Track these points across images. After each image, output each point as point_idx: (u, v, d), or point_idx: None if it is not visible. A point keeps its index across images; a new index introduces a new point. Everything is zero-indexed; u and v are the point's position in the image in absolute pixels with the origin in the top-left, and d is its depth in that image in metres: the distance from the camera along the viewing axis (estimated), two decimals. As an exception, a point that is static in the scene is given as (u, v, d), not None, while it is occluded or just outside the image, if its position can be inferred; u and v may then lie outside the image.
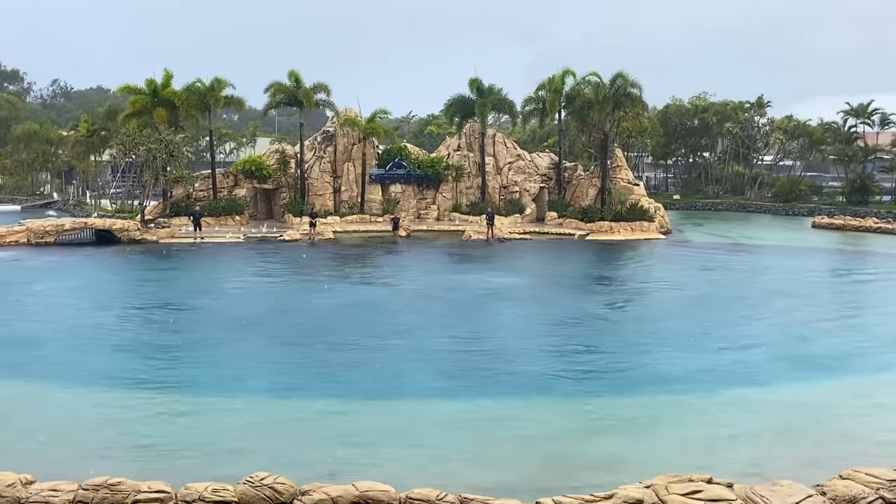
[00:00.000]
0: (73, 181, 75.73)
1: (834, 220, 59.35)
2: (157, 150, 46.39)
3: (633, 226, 49.81)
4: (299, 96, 52.69)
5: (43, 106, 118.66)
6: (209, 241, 43.94)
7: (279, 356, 20.94)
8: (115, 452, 13.95)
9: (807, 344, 22.69)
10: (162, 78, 51.11)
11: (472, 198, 55.19)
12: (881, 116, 70.90)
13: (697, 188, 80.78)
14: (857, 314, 27.72)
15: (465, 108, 56.26)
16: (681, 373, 19.56)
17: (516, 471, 13.44)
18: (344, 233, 48.40)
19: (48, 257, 37.83)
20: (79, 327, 23.75)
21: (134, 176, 56.80)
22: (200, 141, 66.47)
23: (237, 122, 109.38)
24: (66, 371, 19.08)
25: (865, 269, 39.90)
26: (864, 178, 69.42)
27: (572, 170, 57.13)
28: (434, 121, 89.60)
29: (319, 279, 33.72)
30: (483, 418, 16.35)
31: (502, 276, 35.14)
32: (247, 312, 26.26)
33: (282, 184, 53.88)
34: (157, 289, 31.38)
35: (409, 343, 22.46)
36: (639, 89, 52.05)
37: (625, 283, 34.93)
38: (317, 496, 11.38)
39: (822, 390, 18.47)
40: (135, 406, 16.75)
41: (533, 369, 19.84)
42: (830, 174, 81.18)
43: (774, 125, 76.62)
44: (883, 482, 11.97)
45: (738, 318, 26.53)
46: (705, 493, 11.44)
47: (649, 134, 72.06)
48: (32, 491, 11.53)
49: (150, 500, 11.31)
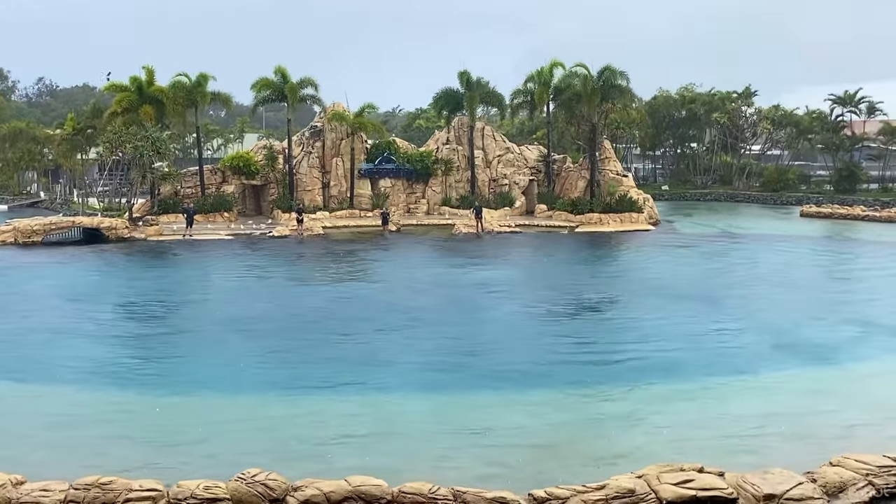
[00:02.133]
0: (60, 180, 75.19)
1: (822, 208, 59.65)
2: (143, 148, 46.09)
3: (623, 217, 49.88)
4: (286, 91, 52.49)
5: (28, 104, 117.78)
6: (198, 238, 43.75)
7: (269, 353, 20.86)
8: (105, 451, 13.88)
9: (797, 332, 22.80)
10: (146, 75, 50.74)
11: (462, 191, 55.15)
12: (868, 105, 71.20)
13: (686, 179, 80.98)
14: (849, 303, 27.84)
15: (454, 102, 56.15)
16: (670, 363, 19.62)
17: (508, 463, 13.46)
18: (333, 228, 48.29)
19: (35, 257, 37.62)
20: (65, 326, 23.59)
21: (121, 174, 56.45)
22: (188, 138, 66.11)
23: (225, 119, 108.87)
24: (56, 370, 18.97)
25: (857, 258, 40.12)
26: (852, 167, 69.75)
27: (561, 162, 57.16)
28: (422, 114, 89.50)
29: (308, 275, 33.64)
30: (474, 411, 16.36)
31: (492, 270, 35.17)
32: (235, 309, 26.18)
33: (270, 180, 53.67)
34: (145, 286, 31.19)
35: (398, 337, 22.46)
36: (627, 80, 52.18)
37: (614, 274, 35.01)
38: (309, 492, 11.36)
39: (811, 377, 18.56)
40: (124, 404, 16.68)
41: (523, 361, 19.85)
42: (818, 163, 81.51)
43: (762, 115, 76.86)
44: (873, 469, 12.06)
45: (728, 307, 26.63)
46: (697, 482, 11.50)
47: (637, 125, 72.18)
48: (23, 491, 11.48)
49: (142, 498, 11.27)
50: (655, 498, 11.34)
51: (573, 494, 11.42)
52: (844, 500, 11.46)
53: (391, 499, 11.36)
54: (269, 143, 56.61)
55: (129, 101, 49.77)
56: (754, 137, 79.72)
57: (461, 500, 11.35)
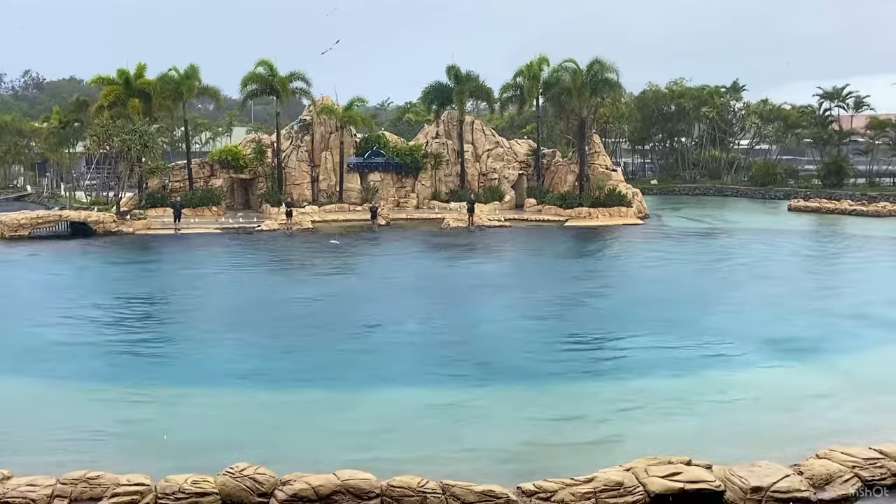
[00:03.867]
0: (47, 173, 74.76)
1: (810, 202, 59.95)
2: (131, 141, 45.80)
3: (612, 211, 49.97)
4: (275, 85, 52.26)
5: (14, 97, 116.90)
6: (187, 233, 43.58)
7: (257, 348, 20.79)
8: (92, 446, 13.82)
9: (785, 324, 22.92)
10: (135, 68, 50.47)
11: (452, 185, 55.11)
12: (855, 100, 71.50)
13: (675, 173, 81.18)
14: (835, 296, 27.99)
15: (443, 96, 56.08)
16: (657, 356, 19.69)
17: (497, 456, 13.48)
18: (322, 222, 48.15)
19: (23, 250, 37.38)
20: (51, 321, 23.43)
21: (108, 167, 56.16)
22: (175, 131, 65.77)
23: (213, 112, 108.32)
24: (42, 365, 18.86)
25: (845, 251, 40.37)
26: (840, 161, 70.08)
27: (551, 156, 57.18)
28: (412, 108, 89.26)
29: (297, 269, 33.56)
30: (463, 405, 16.37)
31: (483, 264, 35.20)
32: (224, 304, 26.14)
33: (259, 173, 53.43)
34: (134, 280, 31.06)
35: (388, 332, 22.44)
36: (616, 75, 52.18)
37: (603, 268, 35.09)
38: (298, 486, 11.34)
39: (798, 371, 18.69)
40: (110, 399, 16.60)
41: (513, 355, 19.89)
42: (806, 157, 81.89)
43: (750, 109, 77.10)
44: (859, 461, 12.13)
45: (715, 300, 26.73)
46: (685, 475, 11.54)
47: (626, 119, 72.27)
48: (10, 486, 11.41)
49: (130, 493, 11.22)
50: (643, 490, 11.38)
51: (561, 487, 11.44)
52: (831, 492, 11.53)
53: (380, 492, 11.35)
54: (257, 136, 56.40)
55: (116, 94, 49.47)
56: (743, 132, 79.98)
57: (450, 493, 11.35)
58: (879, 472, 11.96)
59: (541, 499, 11.35)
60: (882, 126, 69.92)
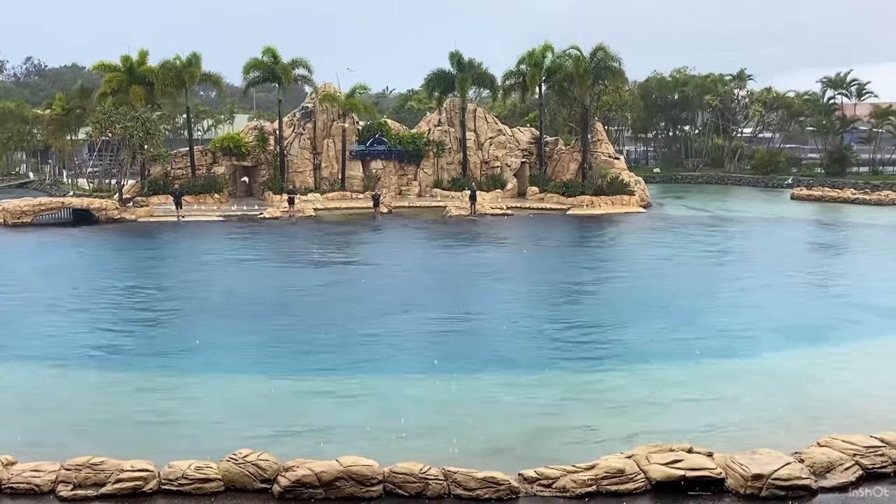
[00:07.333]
0: (50, 160, 74.72)
1: (812, 191, 59.83)
2: (133, 128, 45.75)
3: (614, 200, 49.91)
4: (277, 72, 52.15)
5: (16, 84, 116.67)
6: (189, 220, 43.60)
7: (260, 335, 20.82)
8: (96, 432, 13.87)
9: (787, 312, 22.89)
10: (137, 55, 50.39)
11: (454, 173, 55.03)
12: (858, 87, 71.28)
13: (678, 161, 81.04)
14: (840, 284, 27.98)
15: (446, 83, 55.96)
16: (661, 345, 19.69)
17: (499, 443, 13.51)
18: (325, 210, 48.14)
19: (24, 238, 37.42)
20: (54, 306, 23.49)
21: (111, 154, 56.16)
22: (178, 118, 65.68)
23: (215, 100, 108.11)
24: (44, 350, 18.90)
25: (847, 240, 40.31)
26: (843, 150, 69.90)
27: (553, 144, 57.07)
28: (414, 96, 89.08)
29: (297, 258, 33.56)
30: (466, 392, 16.41)
31: (484, 252, 35.19)
32: (227, 291, 26.14)
33: (261, 161, 53.39)
34: (137, 268, 31.14)
35: (390, 320, 22.43)
36: (619, 62, 51.99)
37: (606, 257, 35.06)
38: (300, 472, 11.38)
39: (801, 359, 18.66)
40: (114, 385, 16.66)
41: (516, 344, 19.91)
42: (809, 146, 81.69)
43: (753, 97, 76.86)
44: (860, 449, 12.15)
45: (717, 289, 26.74)
46: (686, 463, 11.57)
47: (630, 107, 72.07)
48: (14, 472, 11.46)
49: (133, 478, 11.26)
50: (644, 478, 11.41)
51: (563, 474, 11.47)
52: (832, 480, 11.56)
53: (382, 478, 11.39)
54: (259, 124, 56.30)
55: (119, 81, 49.41)
56: (746, 120, 79.76)
57: (452, 479, 11.39)
58: (880, 460, 11.97)
59: (542, 485, 11.39)
60: (885, 114, 69.73)
